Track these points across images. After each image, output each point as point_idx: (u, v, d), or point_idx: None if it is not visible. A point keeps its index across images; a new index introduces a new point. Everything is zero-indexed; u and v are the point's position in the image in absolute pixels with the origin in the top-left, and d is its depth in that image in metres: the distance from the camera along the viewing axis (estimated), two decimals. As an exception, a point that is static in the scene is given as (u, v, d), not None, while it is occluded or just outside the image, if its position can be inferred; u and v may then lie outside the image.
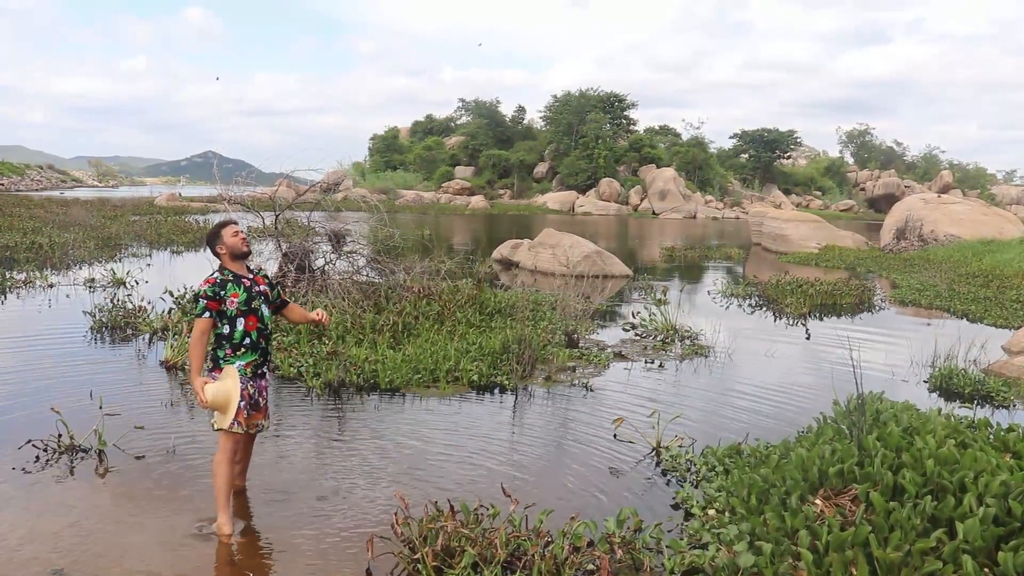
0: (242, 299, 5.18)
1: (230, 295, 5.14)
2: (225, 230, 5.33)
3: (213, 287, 5.12)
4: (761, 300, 16.58)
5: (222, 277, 5.20)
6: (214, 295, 5.10)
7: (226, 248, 5.28)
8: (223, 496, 5.10)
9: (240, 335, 5.16)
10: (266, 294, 5.37)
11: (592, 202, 69.03)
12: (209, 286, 5.12)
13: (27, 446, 6.29)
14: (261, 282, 5.40)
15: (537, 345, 9.95)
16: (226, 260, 5.30)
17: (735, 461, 6.26)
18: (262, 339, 5.29)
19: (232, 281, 5.20)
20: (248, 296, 5.21)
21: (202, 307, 5.08)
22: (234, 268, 5.29)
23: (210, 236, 5.39)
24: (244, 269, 5.36)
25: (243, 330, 5.17)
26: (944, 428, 5.45)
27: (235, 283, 5.20)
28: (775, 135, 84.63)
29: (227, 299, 5.13)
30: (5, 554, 4.72)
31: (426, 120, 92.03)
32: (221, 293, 5.12)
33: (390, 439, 7.05)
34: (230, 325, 5.15)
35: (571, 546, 4.57)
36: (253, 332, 5.22)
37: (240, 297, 5.17)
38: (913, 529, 4.16)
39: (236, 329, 5.16)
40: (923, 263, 24.22)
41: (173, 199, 50.23)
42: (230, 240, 5.29)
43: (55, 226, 25.73)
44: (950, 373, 9.66)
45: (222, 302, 5.12)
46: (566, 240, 21.65)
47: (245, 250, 5.36)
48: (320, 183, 17.56)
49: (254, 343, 5.22)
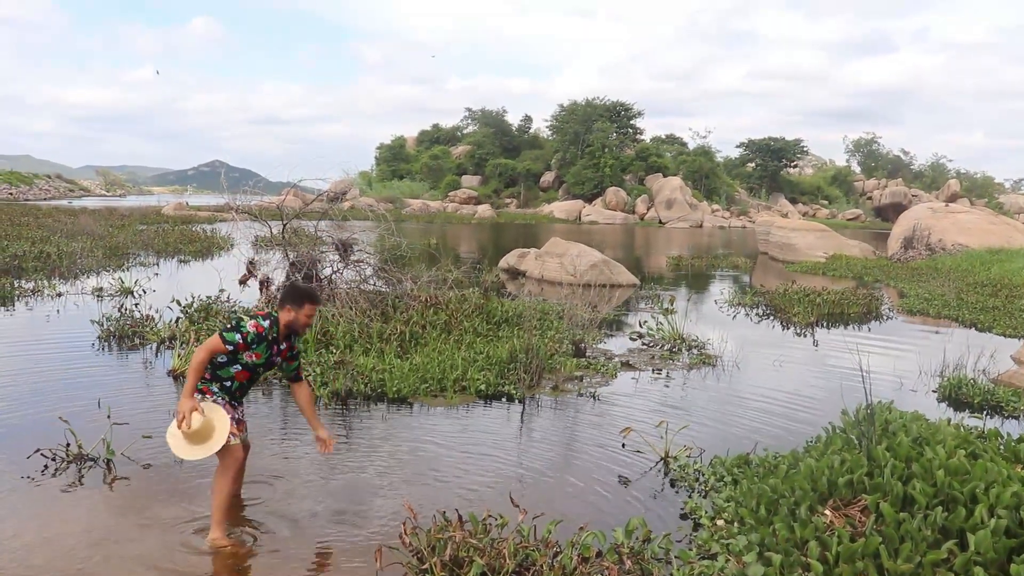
0: (259, 362, 5.21)
1: (254, 352, 5.16)
2: (309, 305, 5.25)
3: (257, 335, 5.13)
4: (768, 309, 16.55)
5: (268, 333, 5.18)
6: (248, 343, 5.10)
7: (292, 319, 5.24)
8: (221, 513, 5.09)
9: (226, 375, 5.18)
10: (278, 365, 5.39)
11: (598, 211, 69.09)
12: (255, 332, 5.11)
13: (36, 455, 6.30)
14: (285, 354, 5.39)
15: (544, 354, 9.94)
16: (282, 318, 5.26)
17: (744, 471, 6.24)
18: (240, 391, 5.31)
19: (269, 343, 5.21)
20: (265, 362, 5.25)
21: (233, 339, 5.06)
22: (281, 329, 5.27)
23: (294, 296, 5.28)
24: (284, 334, 5.33)
25: (232, 375, 5.20)
26: (954, 438, 5.42)
27: (268, 345, 5.21)
28: (781, 144, 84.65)
29: (251, 352, 5.15)
30: (13, 562, 4.72)
31: (433, 129, 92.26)
32: (253, 346, 5.13)
33: (397, 449, 7.05)
34: (229, 363, 5.16)
35: (580, 556, 4.55)
36: (237, 383, 5.24)
37: (259, 360, 5.20)
38: (924, 540, 4.13)
39: (228, 369, 5.17)
40: (931, 272, 24.16)
41: (180, 208, 50.41)
42: (303, 318, 5.25)
43: (63, 235, 25.79)
44: (959, 383, 9.61)
45: (247, 351, 5.13)
46: (573, 249, 21.64)
47: (301, 333, 5.39)
48: (327, 192, 17.56)
49: (230, 391, 5.23)
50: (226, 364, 5.15)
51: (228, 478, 5.08)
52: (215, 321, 11.44)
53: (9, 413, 7.67)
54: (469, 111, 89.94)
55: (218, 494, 5.07)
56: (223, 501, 5.07)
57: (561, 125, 78.46)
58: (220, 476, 5.09)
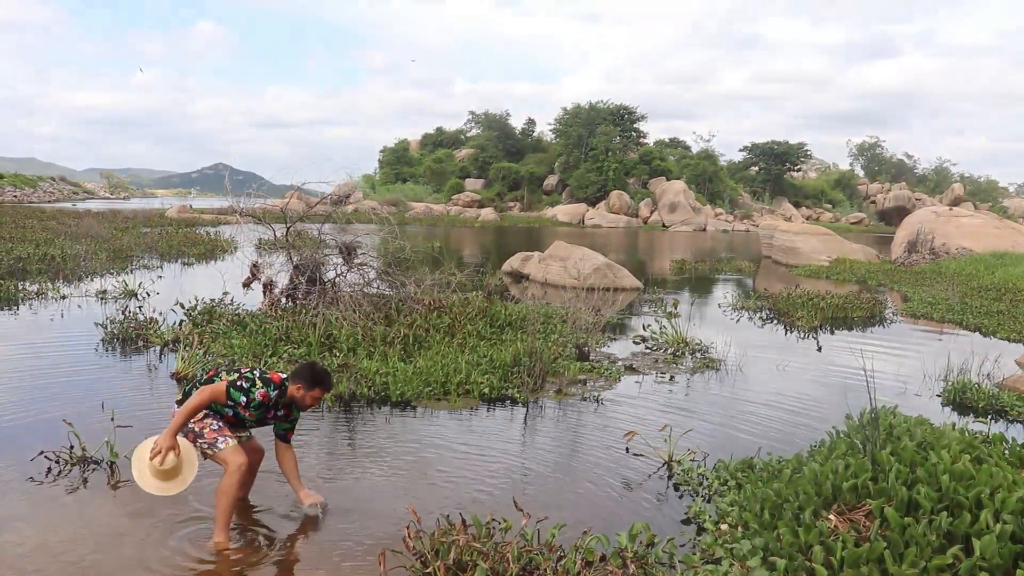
0: (250, 420, 5.32)
1: (250, 412, 5.24)
2: (319, 389, 5.30)
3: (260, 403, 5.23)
4: (772, 313, 16.53)
5: (274, 400, 5.27)
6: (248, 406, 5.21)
7: (300, 397, 5.28)
8: (226, 517, 5.09)
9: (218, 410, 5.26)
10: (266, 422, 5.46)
11: (602, 215, 69.06)
12: (260, 400, 5.21)
13: (39, 457, 6.31)
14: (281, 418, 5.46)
15: (548, 358, 9.94)
16: (290, 391, 5.29)
17: (748, 475, 6.23)
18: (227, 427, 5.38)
19: (267, 408, 5.29)
20: (256, 422, 5.37)
21: (237, 398, 5.17)
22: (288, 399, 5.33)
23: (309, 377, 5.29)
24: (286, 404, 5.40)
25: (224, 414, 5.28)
26: (959, 443, 5.40)
27: (265, 411, 5.30)
28: (785, 147, 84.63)
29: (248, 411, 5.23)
30: (16, 566, 4.72)
31: (436, 132, 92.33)
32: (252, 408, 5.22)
33: (401, 452, 7.04)
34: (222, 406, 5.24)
35: (584, 560, 4.55)
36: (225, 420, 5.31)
37: (252, 418, 5.30)
38: (929, 545, 4.12)
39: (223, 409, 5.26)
40: (935, 276, 24.13)
41: (184, 211, 50.42)
42: (309, 399, 5.30)
43: (67, 238, 25.83)
44: (963, 387, 9.60)
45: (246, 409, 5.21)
46: (576, 253, 21.64)
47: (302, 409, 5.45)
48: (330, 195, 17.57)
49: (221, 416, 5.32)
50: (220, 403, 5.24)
51: (234, 482, 5.05)
52: (219, 324, 11.45)
53: (13, 415, 7.67)
54: (473, 114, 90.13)
55: (223, 499, 5.05)
56: (228, 506, 5.06)
57: (564, 128, 78.45)
58: (225, 482, 5.06)
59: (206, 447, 5.14)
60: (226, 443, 5.09)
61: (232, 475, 5.05)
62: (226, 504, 5.05)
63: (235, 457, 5.10)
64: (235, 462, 5.08)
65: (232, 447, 5.12)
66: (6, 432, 7.15)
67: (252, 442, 5.70)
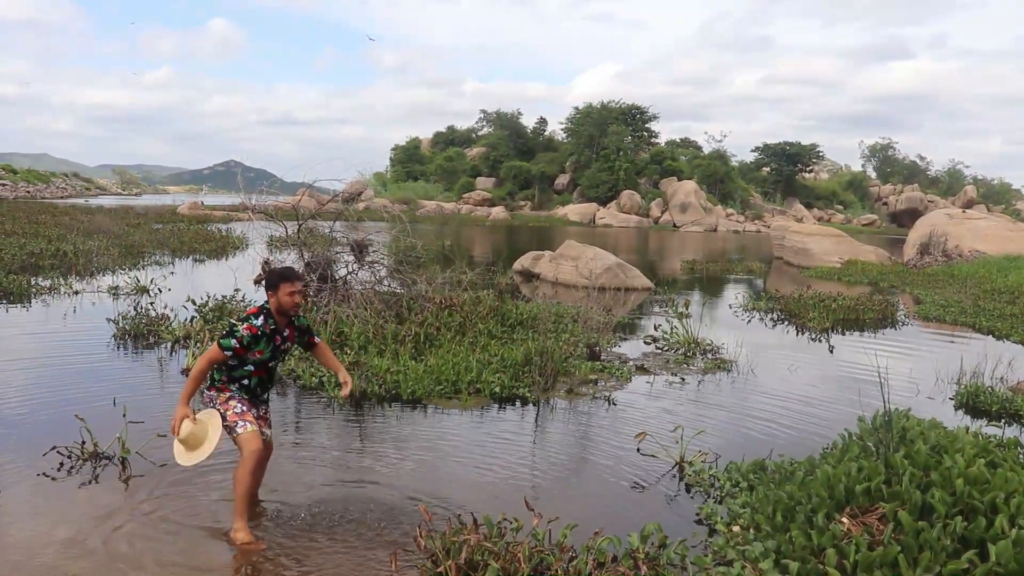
0: (264, 357, 5.21)
1: (256, 351, 5.15)
2: (284, 285, 5.18)
3: (251, 337, 5.11)
4: (783, 314, 16.47)
5: (263, 330, 5.15)
6: (245, 344, 5.09)
7: (277, 304, 5.21)
8: (243, 506, 5.10)
9: (242, 374, 5.22)
10: (287, 350, 5.41)
11: (613, 214, 69.03)
12: (248, 335, 5.09)
13: (51, 452, 6.32)
14: (292, 337, 5.39)
15: (559, 358, 9.92)
16: (272, 306, 5.24)
17: (759, 477, 6.21)
18: (260, 387, 5.36)
19: (267, 337, 5.18)
20: (271, 356, 5.26)
21: (229, 344, 5.06)
22: (277, 318, 5.25)
23: (270, 281, 5.24)
24: (284, 321, 5.30)
25: (248, 374, 5.23)
26: (973, 447, 5.37)
27: (268, 339, 5.19)
28: (797, 149, 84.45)
29: (253, 351, 5.15)
30: (28, 559, 4.73)
31: (447, 131, 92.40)
32: (253, 347, 5.13)
33: (412, 451, 7.04)
34: (240, 364, 5.19)
35: (595, 561, 4.53)
36: (255, 379, 5.28)
37: (264, 355, 5.20)
38: (943, 550, 4.09)
39: (242, 369, 5.20)
40: (947, 279, 24.00)
41: (195, 207, 50.61)
42: (283, 298, 5.19)
43: (79, 233, 25.94)
44: (976, 391, 9.53)
45: (248, 352, 5.13)
46: (588, 252, 21.61)
47: (292, 313, 5.31)
48: (342, 193, 17.58)
49: (251, 388, 5.28)
50: (239, 366, 5.19)
51: (247, 470, 5.07)
52: (230, 321, 11.47)
53: (25, 410, 7.71)
54: (484, 113, 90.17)
55: (238, 486, 5.08)
56: (243, 494, 5.08)
57: (576, 128, 78.43)
58: (239, 468, 5.10)
59: (227, 429, 5.16)
60: (244, 428, 5.10)
61: (246, 461, 5.08)
62: (240, 491, 5.07)
63: (250, 443, 5.10)
64: (249, 448, 5.10)
65: (250, 432, 5.11)
66: (19, 426, 7.18)
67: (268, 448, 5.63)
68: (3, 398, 8.11)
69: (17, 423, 7.30)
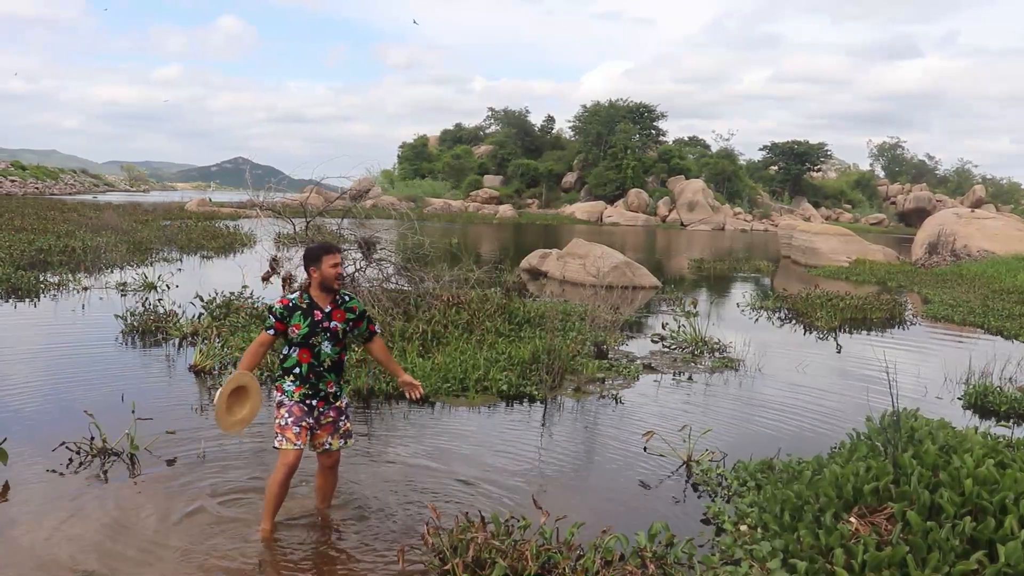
0: (303, 332, 5.06)
1: (293, 324, 5.05)
2: (327, 257, 5.10)
3: (284, 308, 5.05)
4: (790, 313, 16.45)
5: (296, 302, 5.08)
6: (281, 317, 5.04)
7: (320, 276, 5.11)
8: (268, 506, 5.11)
9: (291, 363, 5.11)
10: (335, 331, 5.16)
11: (620, 213, 68.98)
12: (281, 306, 5.06)
13: (60, 448, 6.34)
14: (338, 316, 5.19)
15: (566, 356, 9.91)
16: (313, 284, 5.16)
17: (767, 476, 6.20)
18: (312, 374, 5.12)
19: (303, 311, 5.07)
20: (310, 331, 5.07)
21: (269, 323, 5.06)
22: (316, 295, 5.14)
23: (310, 256, 5.16)
24: (326, 299, 5.17)
25: (296, 360, 5.10)
26: (982, 447, 5.35)
27: (304, 314, 5.06)
28: (805, 147, 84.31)
29: (290, 327, 5.06)
30: (36, 555, 4.75)
31: (455, 129, 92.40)
32: (288, 319, 5.05)
33: (419, 448, 7.04)
34: (287, 349, 5.13)
35: (603, 560, 4.53)
36: (304, 365, 5.09)
37: (301, 330, 5.05)
38: (952, 551, 4.08)
39: (291, 356, 5.11)
40: (956, 278, 23.92)
41: (203, 204, 50.72)
42: (327, 270, 5.09)
43: (88, 230, 26.01)
44: (985, 391, 9.50)
45: (287, 327, 5.06)
46: (595, 250, 21.60)
47: (336, 286, 5.20)
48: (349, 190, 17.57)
49: (303, 376, 5.09)
50: (288, 353, 5.12)
51: (275, 479, 5.04)
52: (237, 317, 11.49)
53: (34, 406, 7.74)
54: (492, 111, 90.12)
55: (267, 491, 5.12)
56: (269, 497, 5.09)
57: (583, 126, 78.39)
58: (271, 475, 5.12)
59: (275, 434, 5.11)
60: (280, 443, 5.01)
61: (277, 471, 5.03)
62: (268, 496, 5.10)
63: (283, 458, 5.02)
64: (281, 462, 5.02)
65: (286, 447, 5.00)
66: (28, 422, 7.21)
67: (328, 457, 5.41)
68: (12, 393, 8.14)
69: (26, 418, 7.33)
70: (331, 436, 5.25)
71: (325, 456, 5.33)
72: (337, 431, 5.28)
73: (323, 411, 5.18)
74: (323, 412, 5.18)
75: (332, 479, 5.50)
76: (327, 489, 5.52)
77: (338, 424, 5.28)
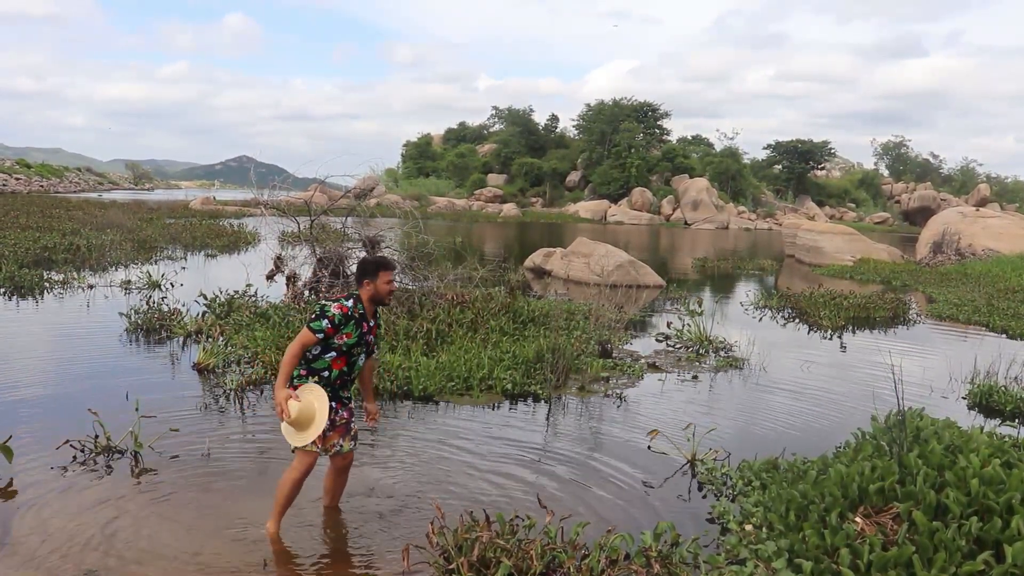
0: (350, 343, 5.01)
1: (345, 332, 4.98)
2: (383, 273, 5.08)
3: (343, 316, 4.94)
4: (795, 313, 16.41)
5: (353, 311, 5.00)
6: (337, 325, 4.93)
7: (372, 289, 5.08)
8: (277, 506, 5.10)
9: (322, 365, 5.02)
10: (371, 344, 5.21)
11: (624, 211, 68.88)
12: (340, 313, 4.93)
13: (65, 446, 6.35)
14: (374, 330, 5.22)
15: (571, 355, 9.90)
16: (364, 294, 5.11)
17: (772, 476, 6.18)
18: (340, 381, 5.10)
19: (356, 321, 5.02)
20: (356, 342, 5.05)
21: (320, 326, 4.88)
22: (367, 305, 5.12)
23: (366, 268, 5.13)
24: (371, 312, 5.16)
25: (328, 364, 5.02)
26: (988, 447, 5.33)
27: (356, 324, 5.02)
28: (809, 146, 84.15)
29: (342, 333, 4.98)
30: (40, 552, 4.75)
31: (459, 127, 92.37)
32: (342, 327, 4.96)
33: (424, 447, 7.04)
34: (323, 352, 5.01)
35: (608, 559, 4.53)
36: (335, 371, 5.05)
37: (351, 340, 5.01)
38: (959, 551, 4.07)
39: (323, 359, 5.01)
40: (960, 277, 23.87)
41: (208, 203, 50.75)
42: (381, 286, 5.07)
43: (92, 228, 26.03)
44: (990, 390, 9.47)
45: (337, 333, 4.96)
46: (599, 249, 21.58)
47: (387, 302, 5.21)
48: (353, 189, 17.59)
49: (330, 381, 5.05)
50: (320, 355, 5.01)
51: (290, 477, 5.03)
52: (240, 315, 11.49)
53: (39, 403, 7.76)
54: (496, 110, 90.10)
55: (279, 489, 5.09)
56: (281, 496, 5.08)
57: (588, 125, 78.30)
58: (286, 473, 5.09)
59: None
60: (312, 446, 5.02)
61: (292, 471, 5.04)
62: (279, 495, 5.08)
63: (306, 458, 5.03)
64: (299, 461, 5.04)
65: (311, 449, 5.00)
66: (32, 420, 7.22)
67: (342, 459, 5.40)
68: (17, 391, 8.16)
69: (31, 416, 7.34)
70: (343, 438, 5.23)
71: (339, 458, 5.32)
72: (349, 432, 5.26)
73: (339, 413, 5.15)
74: (338, 414, 5.15)
75: (343, 480, 5.51)
76: (336, 489, 5.53)
77: (350, 426, 5.27)
